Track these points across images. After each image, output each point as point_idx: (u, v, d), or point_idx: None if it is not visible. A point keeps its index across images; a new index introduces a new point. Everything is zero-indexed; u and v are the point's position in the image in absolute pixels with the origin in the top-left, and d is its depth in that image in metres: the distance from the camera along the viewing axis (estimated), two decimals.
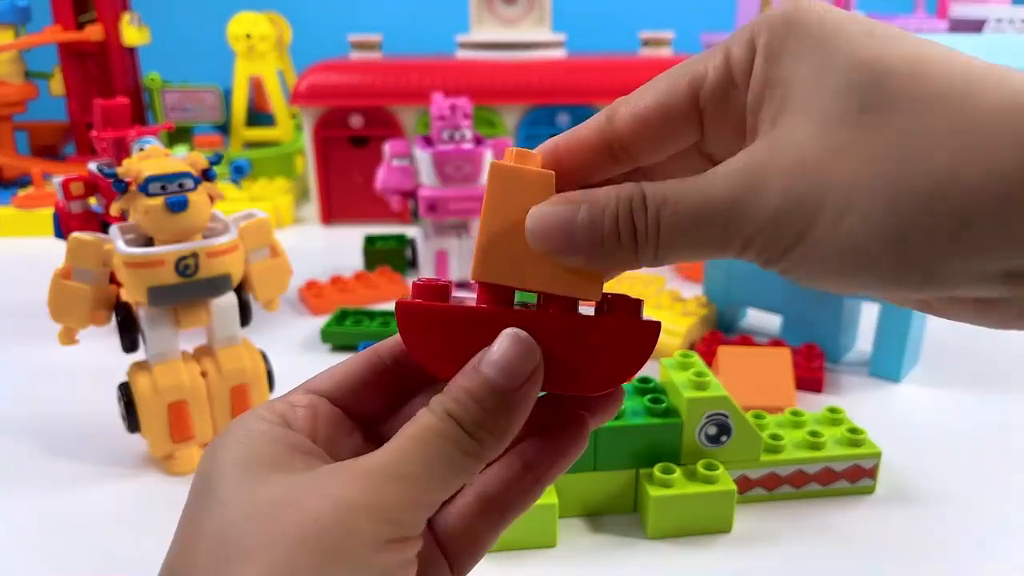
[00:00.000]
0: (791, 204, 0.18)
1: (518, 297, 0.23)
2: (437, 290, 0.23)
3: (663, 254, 0.20)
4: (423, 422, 0.21)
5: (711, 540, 0.43)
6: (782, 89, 0.19)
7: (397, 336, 0.25)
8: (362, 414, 0.25)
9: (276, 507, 0.19)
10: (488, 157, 0.74)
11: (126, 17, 1.14)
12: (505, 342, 0.21)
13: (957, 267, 0.17)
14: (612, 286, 0.24)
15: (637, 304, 0.23)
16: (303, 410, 0.23)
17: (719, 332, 0.64)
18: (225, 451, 0.21)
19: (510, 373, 0.21)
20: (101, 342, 0.61)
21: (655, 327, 0.23)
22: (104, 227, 0.57)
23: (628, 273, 0.78)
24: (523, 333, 0.22)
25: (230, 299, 0.50)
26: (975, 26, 1.02)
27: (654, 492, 0.42)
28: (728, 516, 0.43)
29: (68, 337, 0.51)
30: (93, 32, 1.12)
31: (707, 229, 0.19)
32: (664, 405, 0.43)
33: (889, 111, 0.17)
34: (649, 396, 0.44)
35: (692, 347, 0.64)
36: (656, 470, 0.43)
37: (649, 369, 0.61)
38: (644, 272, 0.82)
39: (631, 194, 0.20)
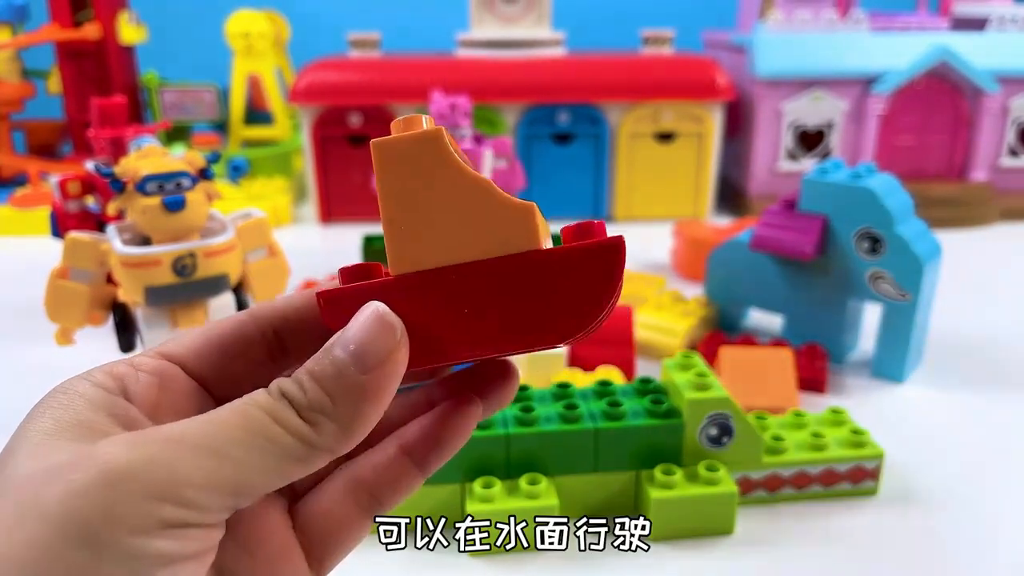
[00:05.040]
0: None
1: None
2: (362, 271, 0.21)
3: None
4: (252, 396, 0.18)
5: (713, 542, 0.42)
6: None
7: (286, 301, 0.22)
8: (223, 390, 0.21)
9: (44, 474, 0.16)
10: (488, 156, 0.73)
11: (124, 15, 1.13)
12: (361, 318, 0.19)
13: None
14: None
15: (594, 227, 0.20)
16: (146, 376, 0.20)
17: (721, 332, 0.64)
18: (37, 417, 0.18)
19: (361, 355, 0.19)
20: (98, 342, 0.61)
21: (615, 244, 0.19)
22: (101, 227, 0.57)
23: (627, 273, 0.78)
24: (383, 308, 0.19)
25: (227, 299, 0.50)
26: (977, 24, 1.02)
27: (655, 494, 0.41)
28: (730, 518, 0.42)
29: (65, 337, 0.51)
30: (90, 30, 1.11)
31: None
32: (665, 406, 0.43)
33: None
34: (650, 397, 0.44)
35: (693, 347, 0.64)
36: (657, 471, 0.42)
37: (650, 370, 0.61)
38: (644, 272, 0.82)
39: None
